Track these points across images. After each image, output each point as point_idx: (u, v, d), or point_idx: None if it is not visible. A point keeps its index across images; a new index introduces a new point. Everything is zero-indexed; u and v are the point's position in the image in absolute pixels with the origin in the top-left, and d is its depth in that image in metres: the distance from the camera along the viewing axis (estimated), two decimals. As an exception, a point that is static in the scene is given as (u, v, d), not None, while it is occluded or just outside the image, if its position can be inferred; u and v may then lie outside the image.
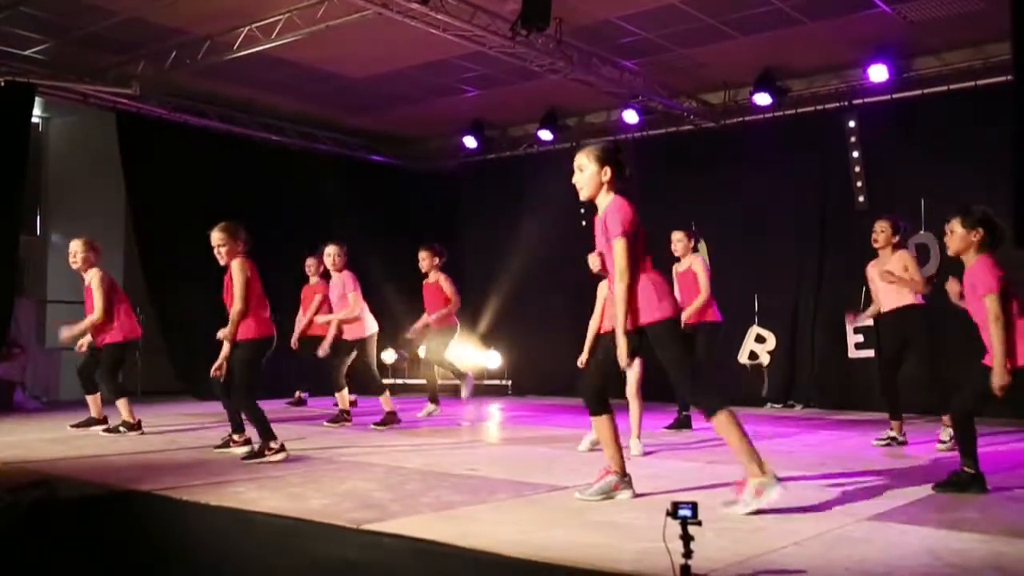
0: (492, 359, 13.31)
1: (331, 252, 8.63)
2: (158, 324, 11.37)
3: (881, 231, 7.08)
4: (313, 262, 10.06)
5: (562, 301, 12.12)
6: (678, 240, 8.10)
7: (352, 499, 4.46)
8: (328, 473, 5.39)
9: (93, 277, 7.52)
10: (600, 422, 4.65)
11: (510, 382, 13.24)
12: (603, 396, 4.65)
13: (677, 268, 8.09)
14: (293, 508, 4.21)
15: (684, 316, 6.96)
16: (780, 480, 4.16)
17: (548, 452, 6.60)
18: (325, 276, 9.38)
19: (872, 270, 7.18)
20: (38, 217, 12.32)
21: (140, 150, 11.33)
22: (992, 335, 4.75)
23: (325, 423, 8.31)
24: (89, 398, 7.68)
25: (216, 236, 6.35)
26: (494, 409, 10.61)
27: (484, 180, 13.85)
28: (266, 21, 9.18)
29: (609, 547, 3.43)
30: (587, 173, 4.79)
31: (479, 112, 12.68)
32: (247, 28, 9.33)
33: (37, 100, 10.54)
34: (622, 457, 4.66)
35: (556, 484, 4.97)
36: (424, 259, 9.00)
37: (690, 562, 2.86)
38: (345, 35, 9.29)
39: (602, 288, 6.88)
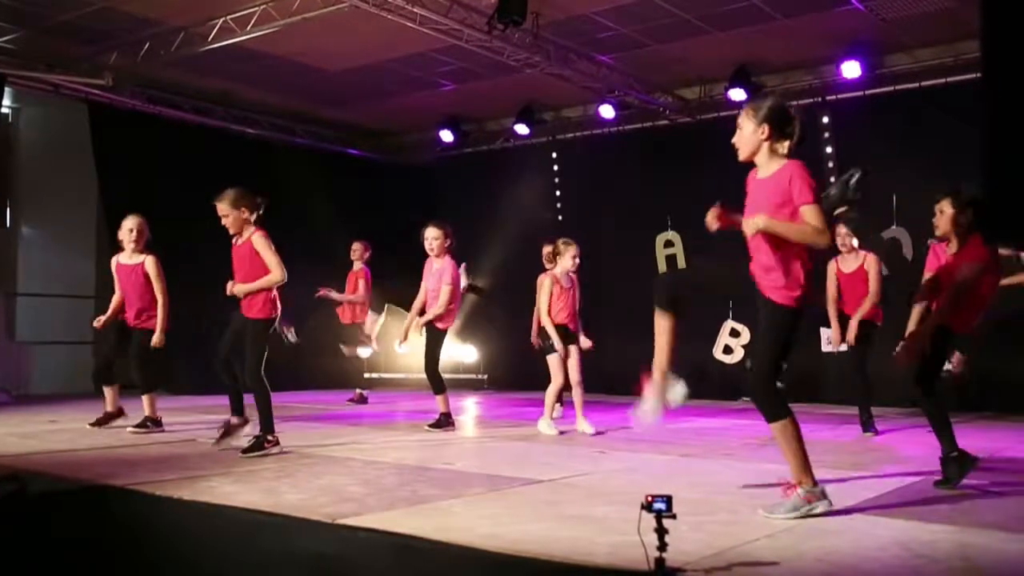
0: (468, 353, 13.31)
1: (431, 236, 8.02)
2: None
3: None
4: (359, 247, 10.08)
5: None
6: (846, 234, 7.43)
7: (328, 494, 4.45)
8: (303, 468, 5.38)
9: (151, 262, 7.28)
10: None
11: (486, 376, 13.26)
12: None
13: (842, 267, 7.49)
14: (268, 503, 4.20)
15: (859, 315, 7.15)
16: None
17: (523, 446, 6.62)
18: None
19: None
20: (8, 209, 12.16)
21: (113, 142, 11.20)
22: (947, 296, 4.82)
23: (427, 427, 7.57)
24: (107, 390, 7.29)
25: (221, 207, 6.27)
26: (469, 403, 10.61)
27: (460, 174, 13.82)
28: (241, 13, 9.12)
29: (584, 540, 3.45)
30: (744, 132, 4.29)
31: (455, 106, 12.66)
32: (222, 19, 9.26)
33: (7, 90, 10.40)
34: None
35: (531, 478, 4.99)
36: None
37: (664, 555, 2.88)
38: (321, 27, 9.24)
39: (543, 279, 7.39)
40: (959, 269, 4.85)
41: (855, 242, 7.43)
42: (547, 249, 7.71)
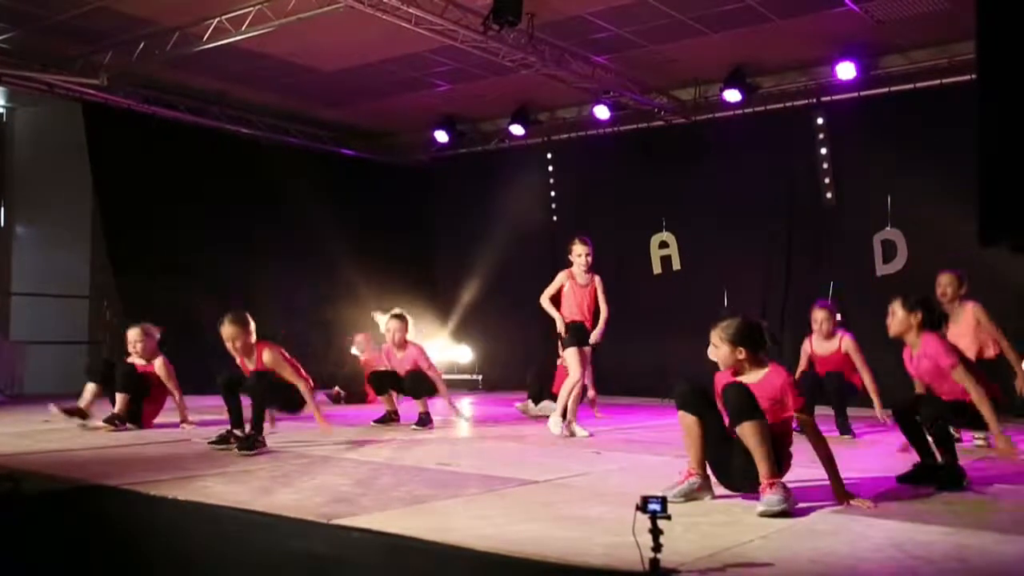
0: (463, 354, 13.31)
1: (394, 327, 8.11)
2: (125, 317, 11.26)
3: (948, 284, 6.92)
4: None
5: (533, 296, 12.13)
6: (823, 319, 7.39)
7: (322, 494, 4.45)
8: (298, 468, 5.37)
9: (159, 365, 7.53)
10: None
11: (481, 377, 13.25)
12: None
13: (817, 349, 7.46)
14: (262, 503, 4.18)
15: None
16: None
17: (518, 446, 6.62)
18: None
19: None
20: (2, 208, 12.14)
21: (108, 142, 11.19)
22: (977, 404, 4.95)
23: (412, 427, 7.76)
24: (91, 386, 7.54)
25: (227, 332, 6.34)
26: (465, 404, 10.60)
27: (456, 174, 13.83)
28: (236, 13, 9.11)
29: (579, 541, 3.45)
30: (722, 352, 4.55)
31: (451, 106, 12.65)
32: (217, 20, 9.25)
33: (1, 90, 10.39)
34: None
35: (527, 478, 4.98)
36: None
37: (659, 556, 2.88)
38: (316, 28, 9.23)
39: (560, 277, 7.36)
40: (945, 370, 5.05)
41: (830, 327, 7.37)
42: (570, 246, 7.72)
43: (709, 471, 4.40)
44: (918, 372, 5.30)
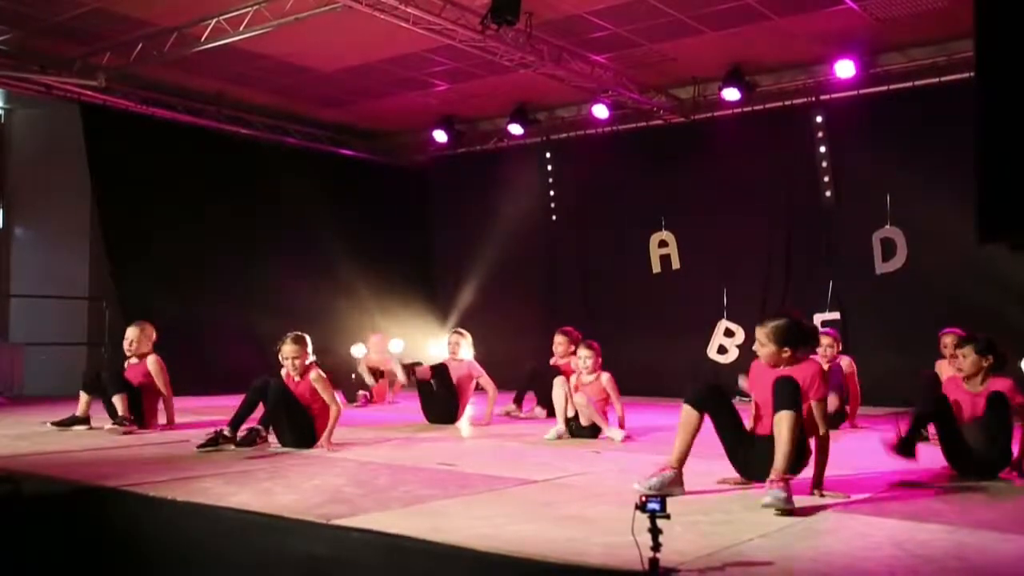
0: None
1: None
2: (124, 319, 11.25)
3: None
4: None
5: (532, 296, 12.17)
6: (828, 345, 7.69)
7: (321, 494, 4.44)
8: (297, 468, 5.36)
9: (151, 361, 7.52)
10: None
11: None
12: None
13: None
14: (261, 503, 4.18)
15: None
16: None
17: (518, 447, 6.61)
18: None
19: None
20: (1, 210, 12.14)
21: (106, 143, 11.17)
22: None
23: None
24: (84, 395, 7.45)
25: (289, 349, 6.38)
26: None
27: (454, 174, 13.82)
28: (234, 13, 9.10)
29: (579, 541, 3.44)
30: (767, 351, 4.57)
31: (449, 106, 12.64)
32: (215, 20, 9.24)
33: (-1, 91, 10.39)
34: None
35: (526, 478, 4.98)
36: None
37: (659, 555, 2.88)
38: (314, 28, 9.22)
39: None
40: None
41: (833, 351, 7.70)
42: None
43: (735, 472, 4.62)
44: (971, 412, 5.29)
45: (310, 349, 6.47)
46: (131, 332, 7.63)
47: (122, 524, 4.37)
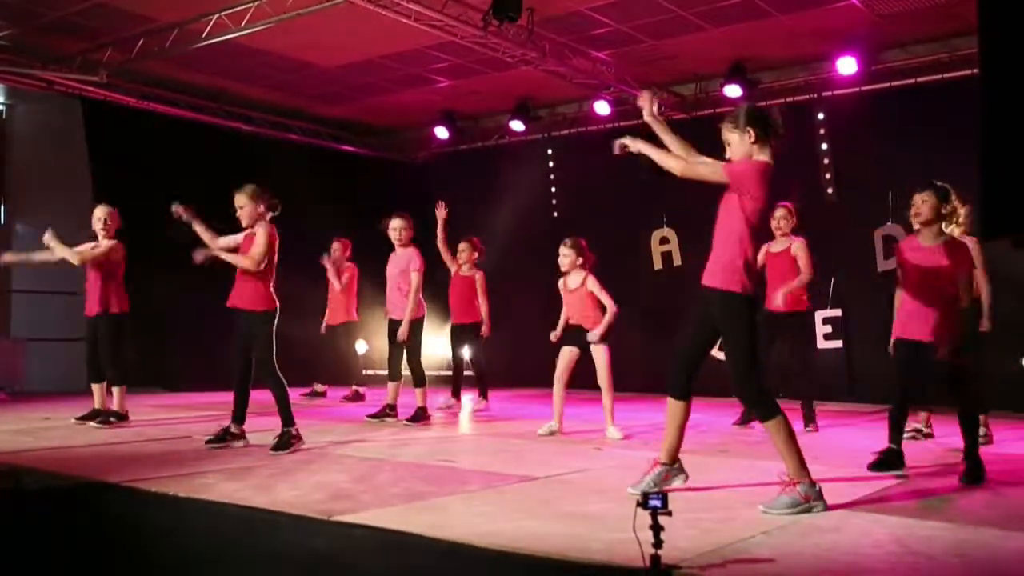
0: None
1: (397, 225, 8.31)
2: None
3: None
4: (338, 246, 10.49)
5: (533, 292, 12.13)
6: (782, 217, 7.45)
7: (323, 490, 4.44)
8: (298, 464, 5.36)
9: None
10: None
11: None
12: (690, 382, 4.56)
13: (770, 248, 7.48)
14: (263, 499, 4.18)
15: (778, 301, 6.99)
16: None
17: (519, 443, 6.61)
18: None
19: None
20: (2, 205, 12.13)
21: (107, 139, 11.16)
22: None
23: (405, 421, 7.66)
24: (94, 387, 7.48)
25: (238, 198, 6.52)
26: (465, 400, 10.59)
27: (455, 171, 13.80)
28: (235, 9, 9.09)
29: (580, 537, 3.44)
30: (733, 144, 4.74)
31: (450, 102, 12.63)
32: (216, 16, 9.23)
33: (1, 87, 10.37)
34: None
35: (527, 475, 4.98)
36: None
37: (660, 552, 2.88)
38: (315, 24, 9.21)
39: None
40: None
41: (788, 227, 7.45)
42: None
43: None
44: (919, 263, 5.32)
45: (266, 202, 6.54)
46: (100, 211, 7.80)
47: (123, 520, 4.37)
